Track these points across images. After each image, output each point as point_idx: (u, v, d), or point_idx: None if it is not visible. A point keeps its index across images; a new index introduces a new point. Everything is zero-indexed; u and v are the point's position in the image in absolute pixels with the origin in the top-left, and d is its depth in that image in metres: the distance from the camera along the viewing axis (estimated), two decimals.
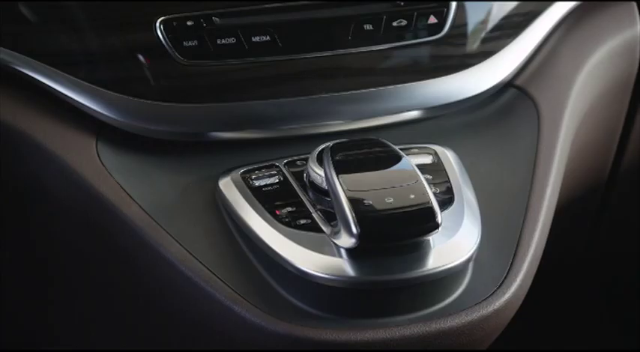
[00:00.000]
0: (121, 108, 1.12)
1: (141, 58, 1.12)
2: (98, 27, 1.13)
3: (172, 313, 1.16)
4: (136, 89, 1.12)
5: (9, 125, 1.14)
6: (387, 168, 1.00)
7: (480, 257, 1.02)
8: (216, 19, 1.12)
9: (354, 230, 0.94)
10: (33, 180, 1.19)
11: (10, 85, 1.15)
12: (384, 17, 1.16)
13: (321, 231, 1.01)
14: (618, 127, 1.41)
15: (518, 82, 1.24)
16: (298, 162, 1.11)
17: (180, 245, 1.05)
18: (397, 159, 1.01)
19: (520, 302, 1.06)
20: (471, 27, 1.19)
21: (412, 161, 1.02)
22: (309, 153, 1.07)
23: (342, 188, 0.96)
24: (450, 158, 1.13)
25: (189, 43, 1.12)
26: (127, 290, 1.24)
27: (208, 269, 1.03)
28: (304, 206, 1.04)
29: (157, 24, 1.11)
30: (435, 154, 1.13)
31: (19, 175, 1.20)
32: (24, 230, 1.30)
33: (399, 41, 1.17)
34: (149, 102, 1.12)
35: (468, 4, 1.18)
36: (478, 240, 1.02)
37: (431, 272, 0.97)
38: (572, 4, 1.25)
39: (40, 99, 1.14)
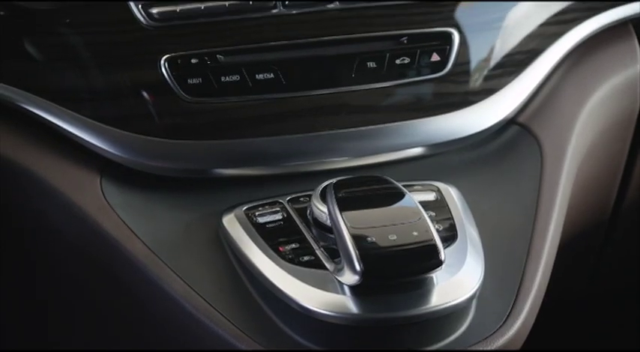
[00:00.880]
0: (125, 145, 1.13)
1: (145, 95, 1.13)
2: (102, 64, 1.13)
3: (175, 348, 1.15)
4: (140, 126, 1.13)
5: (13, 161, 1.14)
6: (390, 205, 1.01)
7: (483, 294, 1.02)
8: (221, 56, 1.13)
9: (358, 267, 0.94)
10: (36, 216, 1.19)
11: (14, 122, 1.15)
12: (387, 55, 1.16)
13: (325, 267, 1.01)
14: (621, 164, 1.41)
15: (520, 119, 1.24)
16: (302, 199, 1.11)
17: (183, 281, 1.05)
18: (400, 196, 1.02)
19: (524, 339, 1.05)
20: (473, 64, 1.20)
21: (415, 198, 1.02)
22: (313, 189, 1.08)
23: (346, 225, 0.96)
24: (452, 195, 1.13)
25: (194, 81, 1.12)
26: (129, 325, 1.24)
27: (211, 305, 1.03)
28: (308, 243, 1.04)
29: (162, 62, 1.12)
30: (438, 191, 1.13)
31: (22, 211, 1.20)
32: (26, 263, 1.30)
33: (402, 78, 1.17)
34: (153, 139, 1.12)
35: (470, 42, 1.19)
36: (481, 277, 1.02)
37: (434, 309, 0.97)
38: (574, 42, 1.25)
39: (45, 136, 1.15)
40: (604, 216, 1.47)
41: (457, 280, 1.00)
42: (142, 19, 1.13)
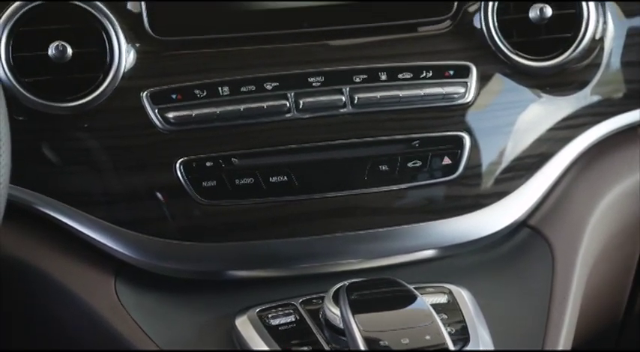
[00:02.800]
0: (139, 247, 1.14)
1: (160, 198, 1.14)
2: (119, 168, 1.15)
3: None
4: (154, 228, 1.14)
5: (27, 262, 1.15)
6: (402, 308, 1.01)
7: None
8: (235, 160, 1.14)
9: None
10: (48, 316, 1.19)
11: (29, 223, 1.16)
12: (399, 158, 1.18)
13: None
14: (632, 268, 1.41)
15: (531, 221, 1.25)
16: (314, 301, 1.11)
17: None
18: (412, 299, 1.02)
19: None
20: (484, 168, 1.21)
21: (427, 301, 1.02)
22: (326, 291, 1.08)
23: (358, 328, 0.96)
24: (464, 297, 1.13)
25: (208, 184, 1.14)
26: None
27: None
28: (320, 345, 1.04)
29: (177, 165, 1.13)
30: (450, 293, 1.13)
31: (34, 311, 1.21)
32: None
33: (413, 181, 1.18)
34: (168, 241, 1.13)
35: (481, 146, 1.20)
36: None
37: None
38: (583, 146, 1.27)
39: (59, 237, 1.16)
40: (616, 319, 1.46)
41: None
42: (158, 123, 1.14)
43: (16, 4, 1.14)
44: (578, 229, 1.22)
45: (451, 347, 0.95)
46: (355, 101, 1.18)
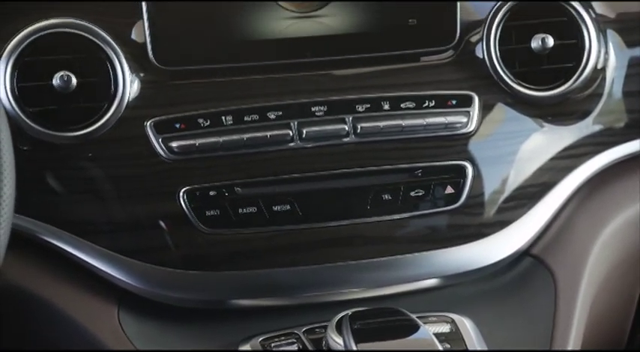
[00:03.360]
0: (142, 276, 1.14)
1: (164, 227, 1.14)
2: (122, 197, 1.15)
3: None
4: (158, 257, 1.14)
5: (30, 291, 1.16)
6: (405, 337, 1.01)
7: None
8: (239, 189, 1.15)
9: None
10: (52, 346, 1.19)
11: (32, 252, 1.17)
12: (402, 187, 1.18)
13: None
14: (634, 296, 1.41)
15: (534, 251, 1.25)
16: (317, 330, 1.11)
17: None
18: (415, 328, 1.02)
19: None
20: (487, 197, 1.21)
21: (430, 330, 1.02)
22: (328, 320, 1.08)
23: None
24: (467, 327, 1.13)
25: (212, 213, 1.14)
26: None
27: None
28: None
29: (181, 194, 1.14)
30: (453, 323, 1.13)
31: (37, 339, 1.21)
32: None
33: (416, 210, 1.18)
34: (171, 270, 1.14)
35: (484, 175, 1.21)
36: None
37: None
38: (586, 175, 1.27)
39: (63, 266, 1.16)
40: (619, 348, 1.46)
41: None
42: (162, 152, 1.15)
43: (21, 34, 1.14)
44: (581, 258, 1.23)
45: None
46: (358, 130, 1.18)
